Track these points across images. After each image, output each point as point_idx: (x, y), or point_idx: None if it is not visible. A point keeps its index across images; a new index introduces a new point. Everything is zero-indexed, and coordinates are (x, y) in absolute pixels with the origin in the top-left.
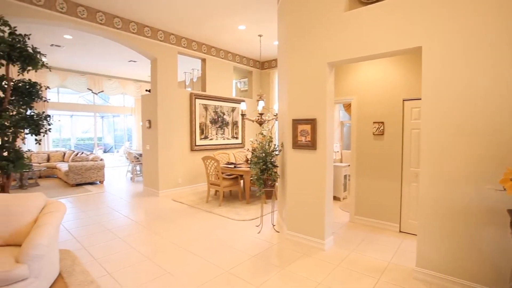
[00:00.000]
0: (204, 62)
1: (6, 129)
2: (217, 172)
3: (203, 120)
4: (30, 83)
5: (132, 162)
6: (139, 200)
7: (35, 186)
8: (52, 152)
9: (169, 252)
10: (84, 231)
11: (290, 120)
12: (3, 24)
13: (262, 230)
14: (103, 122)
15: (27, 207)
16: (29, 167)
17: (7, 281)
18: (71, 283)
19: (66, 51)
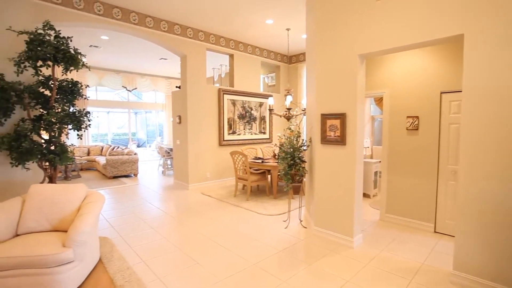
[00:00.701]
0: (232, 58)
1: (53, 125)
2: (245, 166)
3: (231, 115)
4: (72, 82)
5: (163, 156)
6: (170, 193)
7: (77, 177)
8: (92, 147)
9: (198, 243)
10: (120, 220)
11: (318, 115)
12: (49, 28)
13: (289, 225)
14: (136, 118)
15: (72, 197)
16: (72, 160)
17: (56, 263)
18: (110, 268)
19: (103, 51)
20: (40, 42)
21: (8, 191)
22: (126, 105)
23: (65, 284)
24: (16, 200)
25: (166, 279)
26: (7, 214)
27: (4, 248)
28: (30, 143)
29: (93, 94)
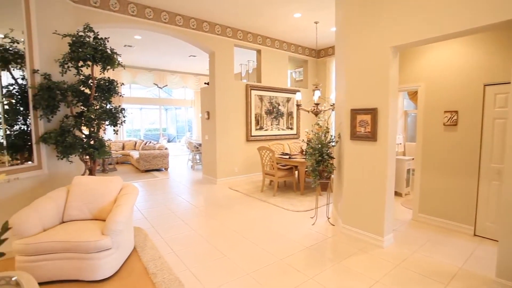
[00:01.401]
0: (259, 53)
1: (92, 121)
2: (272, 162)
3: (259, 111)
4: (109, 80)
5: (193, 151)
6: (198, 187)
7: (114, 170)
8: (126, 141)
9: (226, 236)
10: (153, 212)
11: (348, 110)
12: (89, 30)
13: (317, 222)
14: (167, 114)
15: (109, 189)
16: (109, 154)
17: (96, 249)
18: (143, 256)
19: (136, 50)
20: (81, 44)
21: (55, 182)
22: (157, 102)
23: (103, 269)
24: (62, 190)
25: (195, 270)
26: (55, 203)
27: (52, 233)
28: (73, 138)
29: (127, 91)
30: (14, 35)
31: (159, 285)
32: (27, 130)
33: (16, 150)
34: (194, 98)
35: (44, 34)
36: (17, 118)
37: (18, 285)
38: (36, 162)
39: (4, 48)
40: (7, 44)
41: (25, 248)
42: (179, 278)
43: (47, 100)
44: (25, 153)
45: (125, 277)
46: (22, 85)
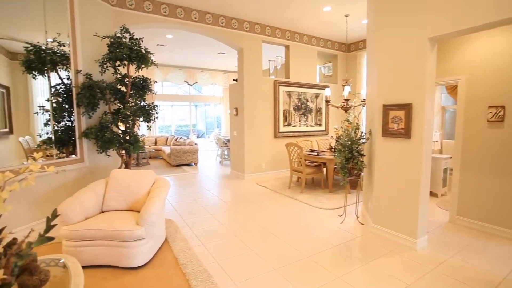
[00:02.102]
0: (287, 49)
1: (128, 118)
2: (300, 159)
3: (287, 107)
4: (143, 78)
5: (221, 147)
6: (227, 182)
7: (147, 164)
8: (158, 137)
9: (253, 231)
10: (183, 205)
11: (380, 106)
12: (125, 31)
13: (345, 220)
14: (196, 111)
15: (143, 182)
16: (143, 149)
17: (132, 238)
18: (174, 247)
19: (168, 49)
20: (118, 45)
21: (95, 174)
22: (188, 99)
23: (138, 257)
24: (101, 182)
25: (223, 262)
26: (95, 194)
27: (93, 221)
28: (110, 133)
29: (160, 89)
30: (61, 39)
31: (189, 275)
32: (71, 126)
33: (62, 145)
34: (222, 95)
35: (86, 37)
36: (63, 115)
37: (65, 267)
38: (79, 156)
39: (52, 51)
40: (55, 47)
41: (70, 234)
42: (208, 270)
43: (88, 98)
44: (70, 147)
45: (157, 266)
46: (67, 85)
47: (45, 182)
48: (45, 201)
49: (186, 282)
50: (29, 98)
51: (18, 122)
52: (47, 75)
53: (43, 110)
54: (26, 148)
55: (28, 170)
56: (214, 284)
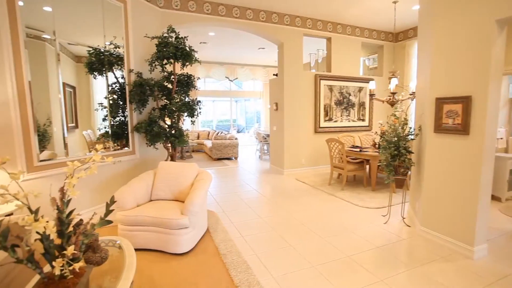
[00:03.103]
0: (329, 41)
1: (174, 113)
2: (341, 155)
3: (328, 101)
4: (187, 75)
5: (261, 142)
6: (266, 177)
7: (190, 158)
8: (201, 131)
9: (292, 227)
10: (223, 197)
11: (432, 99)
12: (171, 31)
13: (389, 221)
14: (237, 106)
15: (188, 174)
16: (187, 142)
17: (177, 226)
18: (215, 237)
19: (210, 46)
20: (165, 44)
21: (145, 165)
22: (228, 94)
23: (182, 245)
24: (150, 173)
25: (261, 256)
26: (145, 183)
27: (144, 209)
28: (158, 127)
29: (202, 85)
30: (116, 41)
31: (229, 265)
32: (124, 120)
33: (117, 138)
34: (262, 90)
35: (137, 38)
36: (118, 111)
37: (120, 248)
38: (131, 148)
39: (109, 53)
40: (112, 49)
41: (125, 219)
42: (247, 262)
43: (139, 95)
44: (123, 140)
45: (199, 253)
46: (121, 83)
47: (104, 171)
48: (103, 188)
49: (226, 272)
50: (90, 96)
51: (82, 118)
52: (105, 75)
53: (102, 107)
54: (88, 140)
55: (91, 160)
56: (253, 275)
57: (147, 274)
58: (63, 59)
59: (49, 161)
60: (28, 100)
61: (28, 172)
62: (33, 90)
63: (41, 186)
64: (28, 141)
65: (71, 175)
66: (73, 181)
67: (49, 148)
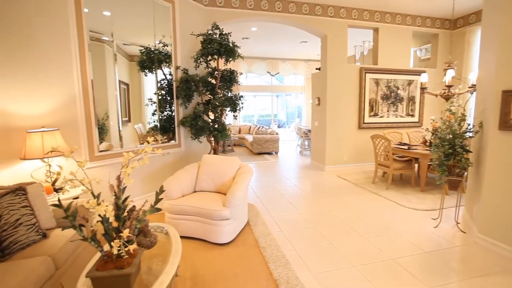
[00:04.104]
0: (376, 32)
1: (217, 108)
2: (387, 152)
3: (373, 96)
4: (230, 71)
5: (302, 137)
6: (306, 172)
7: (231, 151)
8: (242, 126)
9: (332, 224)
10: (263, 191)
11: (497, 92)
12: (215, 28)
13: (441, 225)
14: (278, 101)
15: (230, 167)
16: (229, 136)
17: (219, 218)
18: (255, 230)
19: (252, 41)
20: (209, 41)
21: (189, 158)
22: (270, 89)
23: (223, 236)
24: (194, 166)
25: (301, 251)
26: (190, 175)
27: (188, 199)
28: (202, 122)
29: (244, 80)
30: (165, 40)
31: (268, 258)
32: (171, 115)
33: (165, 131)
34: (304, 84)
35: (184, 36)
36: (165, 106)
37: (167, 234)
38: (177, 141)
39: (158, 51)
40: (161, 47)
41: (171, 207)
42: (286, 256)
43: (185, 91)
44: (170, 134)
45: (239, 245)
46: (169, 80)
47: (153, 162)
48: (152, 177)
49: (265, 265)
50: (141, 92)
51: (134, 112)
52: (154, 72)
53: (151, 102)
54: (139, 133)
55: (143, 151)
56: (292, 271)
57: (190, 261)
58: (119, 59)
59: (106, 152)
60: (91, 96)
61: (90, 161)
62: (94, 87)
63: (100, 174)
64: (90, 133)
65: (126, 164)
66: (128, 170)
67: (107, 140)
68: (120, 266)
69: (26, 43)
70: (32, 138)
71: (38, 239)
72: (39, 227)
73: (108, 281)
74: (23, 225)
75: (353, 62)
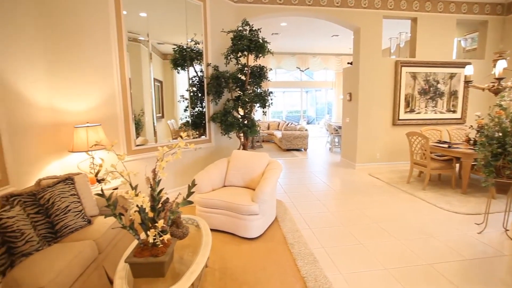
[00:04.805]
0: (414, 22)
1: (246, 104)
2: (424, 151)
3: (410, 90)
4: (260, 67)
5: (332, 134)
6: (336, 170)
7: (260, 147)
8: (271, 122)
9: (363, 224)
10: (292, 188)
11: None
12: (246, 24)
13: (485, 231)
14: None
15: (259, 163)
16: (258, 132)
17: (247, 212)
18: (283, 227)
19: (282, 36)
20: (240, 37)
21: (219, 153)
22: (299, 85)
23: (252, 230)
24: (224, 161)
25: (329, 250)
26: (219, 170)
27: (218, 193)
28: (232, 118)
29: (273, 76)
30: (196, 38)
31: (296, 255)
32: (202, 111)
33: (196, 127)
34: (335, 80)
35: (214, 34)
36: (196, 102)
37: (198, 226)
38: (207, 137)
39: (190, 49)
40: (192, 45)
41: (201, 201)
42: (314, 254)
43: (216, 87)
44: (201, 129)
45: (268, 240)
46: (200, 77)
47: (184, 157)
48: (183, 171)
49: (293, 261)
50: (173, 89)
51: (167, 109)
52: (186, 69)
53: (183, 99)
54: (171, 129)
55: (177, 146)
56: (320, 269)
57: (220, 253)
58: (153, 57)
59: (142, 146)
60: (128, 94)
61: (127, 155)
62: (131, 85)
63: (136, 167)
64: (128, 129)
65: (161, 158)
66: (162, 164)
67: (142, 135)
68: (155, 254)
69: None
70: (78, 133)
71: (84, 225)
72: (84, 214)
73: (144, 267)
74: (72, 212)
75: (388, 55)
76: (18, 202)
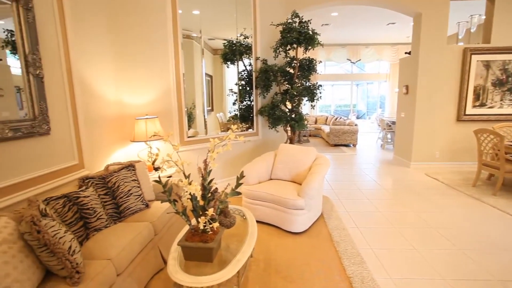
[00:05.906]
0: (491, 2)
1: (294, 97)
2: (496, 150)
3: (481, 81)
4: (309, 59)
5: (384, 130)
6: (388, 168)
7: (307, 142)
8: (318, 116)
9: (417, 228)
10: (339, 185)
11: None
12: (295, 16)
13: None
14: (357, 90)
15: (306, 157)
16: (306, 127)
17: (293, 207)
18: (329, 223)
19: (332, 27)
20: (289, 30)
21: (266, 146)
22: (349, 77)
23: (297, 225)
24: (271, 154)
25: (378, 252)
26: (266, 163)
27: (264, 186)
28: (280, 111)
29: (322, 68)
30: (246, 32)
31: (342, 254)
32: (250, 104)
33: (244, 120)
34: (389, 71)
35: (263, 27)
36: (245, 96)
37: (244, 217)
38: (255, 130)
39: (240, 43)
40: (242, 40)
41: (248, 192)
42: (361, 254)
43: (264, 81)
44: (248, 123)
45: (313, 236)
46: (249, 70)
47: (233, 149)
48: (231, 163)
49: (338, 260)
50: (223, 83)
51: (216, 102)
52: (235, 63)
53: (232, 92)
54: (220, 122)
55: (227, 138)
56: (367, 270)
57: (265, 245)
58: (205, 53)
59: (193, 138)
60: (182, 88)
61: (180, 145)
62: (184, 80)
63: (188, 157)
64: (181, 121)
65: (212, 149)
66: (213, 155)
67: (193, 127)
68: (204, 240)
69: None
70: (139, 124)
71: (143, 208)
72: (143, 198)
73: (194, 251)
74: (133, 195)
75: (454, 43)
76: (92, 184)
